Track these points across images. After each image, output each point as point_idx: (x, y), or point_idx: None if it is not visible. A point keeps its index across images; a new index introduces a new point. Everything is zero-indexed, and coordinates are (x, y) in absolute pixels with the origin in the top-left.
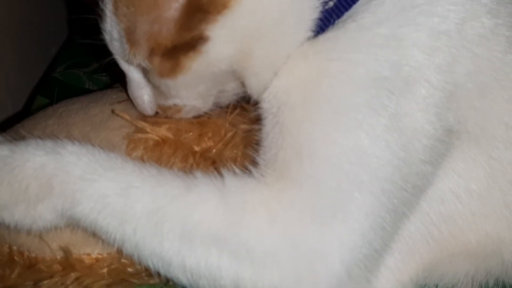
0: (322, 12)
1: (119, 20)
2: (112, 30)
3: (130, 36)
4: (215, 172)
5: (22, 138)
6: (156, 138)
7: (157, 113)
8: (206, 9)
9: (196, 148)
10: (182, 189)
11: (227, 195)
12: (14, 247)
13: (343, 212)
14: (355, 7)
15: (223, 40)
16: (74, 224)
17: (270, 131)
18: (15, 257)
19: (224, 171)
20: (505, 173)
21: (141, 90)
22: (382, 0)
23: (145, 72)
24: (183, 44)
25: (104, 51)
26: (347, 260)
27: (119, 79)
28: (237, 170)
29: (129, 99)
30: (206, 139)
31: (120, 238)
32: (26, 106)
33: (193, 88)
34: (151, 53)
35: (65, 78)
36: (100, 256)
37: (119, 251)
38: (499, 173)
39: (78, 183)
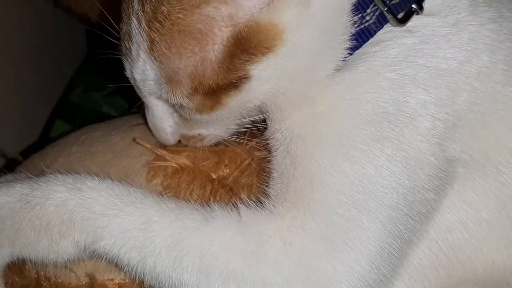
0: (343, 53)
1: (158, 61)
2: (146, 70)
3: (170, 77)
4: (231, 203)
5: (44, 166)
6: (175, 165)
7: (178, 141)
8: (252, 51)
9: (214, 176)
10: (200, 222)
11: (243, 226)
12: (42, 273)
13: (352, 239)
14: (365, 46)
15: (264, 79)
16: (97, 257)
17: (281, 162)
18: (43, 283)
19: (239, 203)
20: None
21: (164, 122)
22: (390, 44)
23: (173, 105)
24: (227, 83)
25: (120, 74)
26: (357, 286)
27: (135, 103)
28: (252, 202)
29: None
30: (223, 166)
31: (141, 271)
32: (46, 128)
33: (223, 120)
34: (194, 92)
35: (82, 101)
36: (122, 282)
37: None
38: (508, 198)
39: (99, 218)
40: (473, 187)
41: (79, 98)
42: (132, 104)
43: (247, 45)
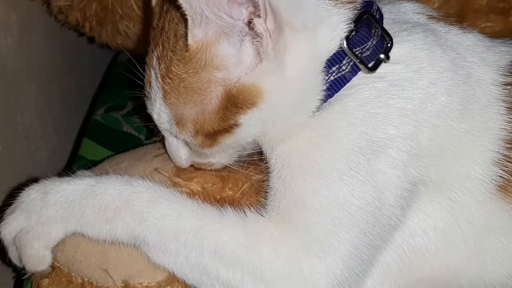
0: (319, 100)
1: (169, 107)
2: (161, 112)
3: (178, 120)
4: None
5: None
6: (188, 191)
7: (191, 165)
8: (240, 105)
9: (219, 197)
10: (217, 215)
11: (247, 225)
12: (86, 279)
13: (329, 247)
14: (342, 89)
15: (251, 125)
16: (135, 245)
17: (275, 183)
18: (86, 287)
19: (246, 209)
20: (463, 213)
21: (179, 151)
22: (363, 88)
23: (185, 141)
24: (221, 129)
25: (136, 93)
26: (333, 283)
27: (150, 120)
28: (255, 208)
29: (166, 154)
30: (227, 189)
31: (174, 251)
32: (75, 146)
33: (223, 152)
34: (196, 133)
35: (105, 120)
36: (149, 285)
37: (164, 281)
38: (459, 214)
39: (146, 205)
40: (431, 202)
41: (102, 118)
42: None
43: (236, 101)
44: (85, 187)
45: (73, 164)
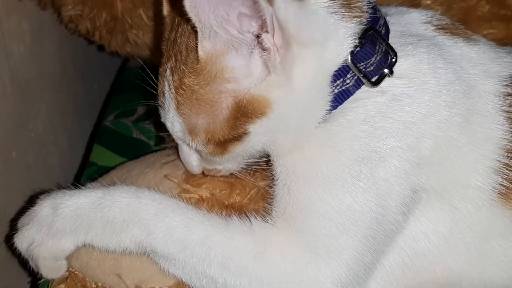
0: (325, 111)
1: (182, 118)
2: (175, 122)
3: (191, 130)
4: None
5: None
6: (197, 196)
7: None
8: (250, 115)
9: (227, 203)
10: (223, 225)
11: (253, 232)
12: (100, 284)
13: (334, 251)
14: (346, 102)
15: (259, 133)
16: (145, 253)
17: (280, 190)
18: None
19: (251, 217)
20: (464, 219)
21: (191, 157)
22: (366, 102)
23: (197, 149)
24: (231, 137)
25: (146, 98)
26: (338, 286)
27: (162, 128)
28: (260, 216)
29: (175, 160)
30: (235, 195)
31: (182, 261)
32: (86, 152)
33: (232, 159)
34: (207, 142)
35: (115, 126)
36: None
37: (175, 285)
38: (460, 220)
39: (152, 218)
40: (433, 208)
41: (112, 124)
42: (158, 127)
43: (245, 111)
44: (93, 199)
45: (84, 170)
